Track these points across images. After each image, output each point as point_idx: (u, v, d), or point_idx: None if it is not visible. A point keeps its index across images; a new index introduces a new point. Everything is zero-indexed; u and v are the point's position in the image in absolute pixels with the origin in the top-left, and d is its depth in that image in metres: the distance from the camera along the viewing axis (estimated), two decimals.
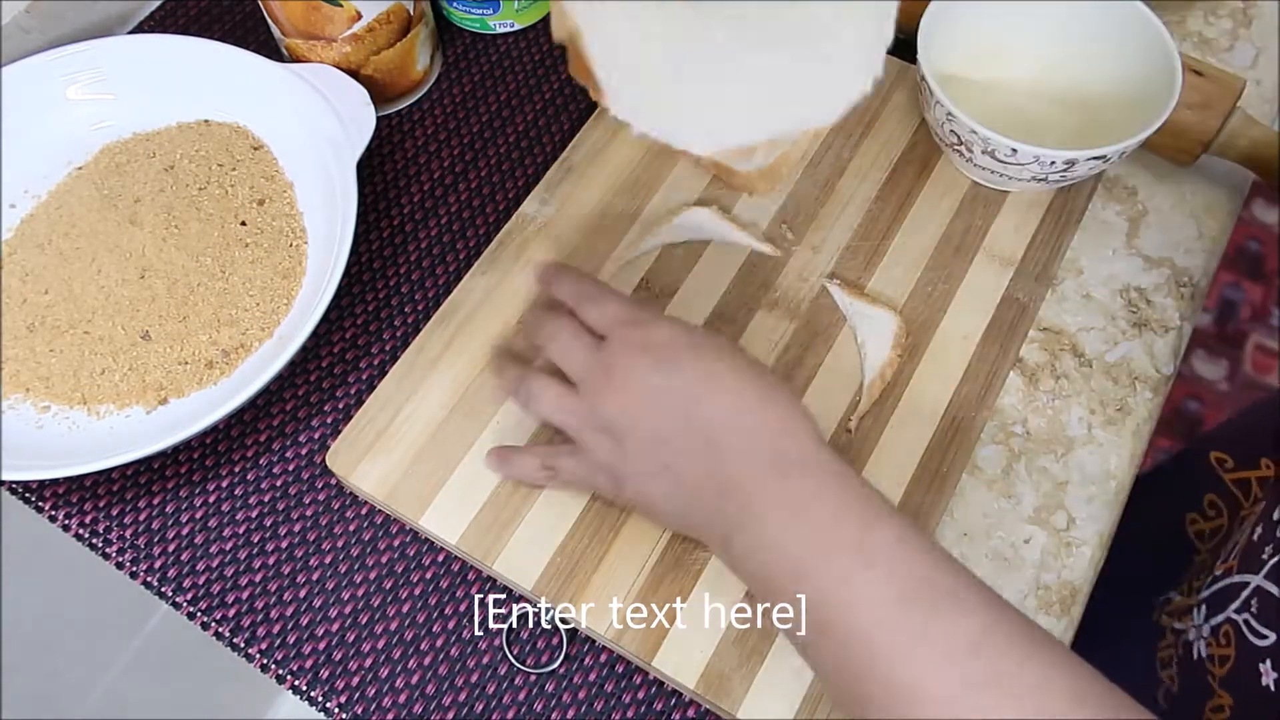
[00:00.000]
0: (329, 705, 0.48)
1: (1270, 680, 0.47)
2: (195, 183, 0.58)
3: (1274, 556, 0.49)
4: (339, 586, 0.50)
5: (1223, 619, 0.52)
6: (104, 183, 0.58)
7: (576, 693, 0.47)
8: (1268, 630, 0.48)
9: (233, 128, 0.60)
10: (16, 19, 0.59)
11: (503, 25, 0.66)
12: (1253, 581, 0.50)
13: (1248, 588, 0.51)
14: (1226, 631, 0.52)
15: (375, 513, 0.52)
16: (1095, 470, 0.51)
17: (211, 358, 0.53)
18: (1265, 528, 0.51)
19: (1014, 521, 0.50)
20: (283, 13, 0.58)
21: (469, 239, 0.60)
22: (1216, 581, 0.55)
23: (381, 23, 0.59)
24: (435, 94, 0.65)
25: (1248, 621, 0.50)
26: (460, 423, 0.51)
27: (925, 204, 0.57)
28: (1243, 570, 0.52)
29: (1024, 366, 0.54)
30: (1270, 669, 0.47)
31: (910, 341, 0.53)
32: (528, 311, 0.52)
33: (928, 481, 0.49)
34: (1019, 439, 0.52)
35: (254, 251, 0.56)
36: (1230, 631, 0.51)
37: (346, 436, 0.51)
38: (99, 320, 0.54)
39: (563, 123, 0.64)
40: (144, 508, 0.52)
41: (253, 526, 0.52)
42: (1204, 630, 0.54)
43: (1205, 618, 0.55)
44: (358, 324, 0.57)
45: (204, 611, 0.50)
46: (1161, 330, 0.55)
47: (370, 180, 0.61)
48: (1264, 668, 0.48)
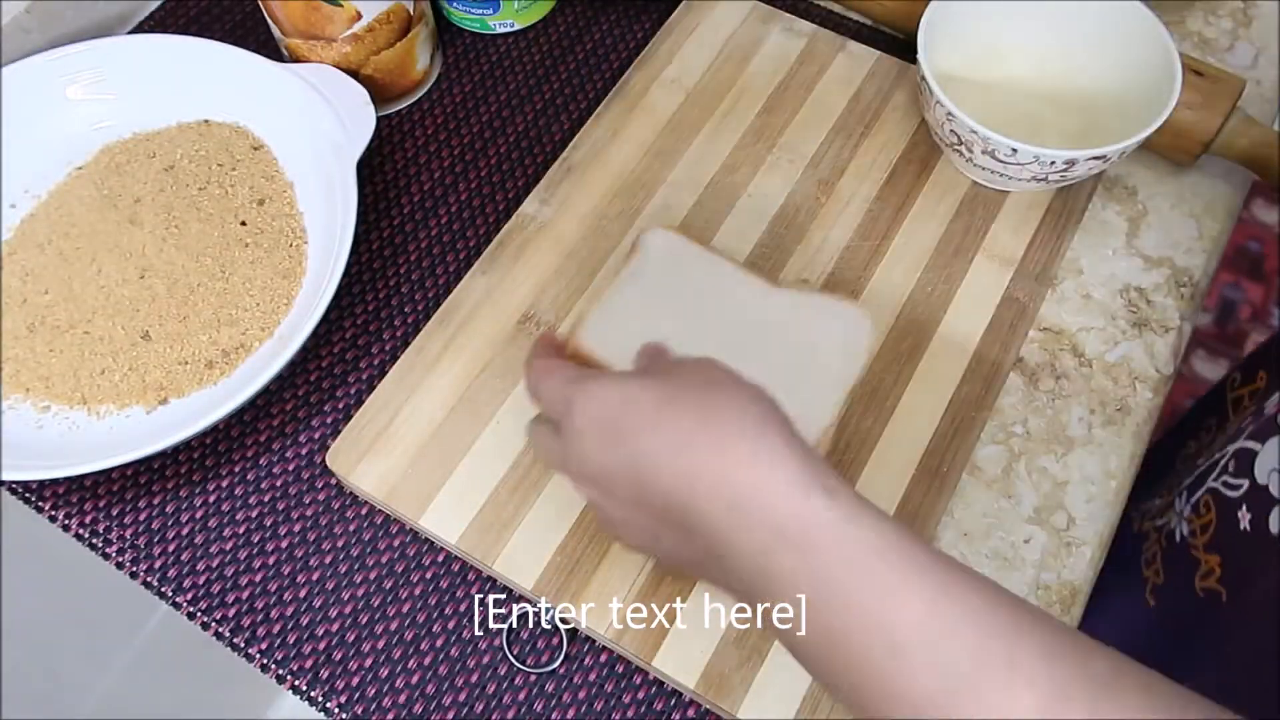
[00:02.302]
0: (329, 705, 0.48)
1: (1246, 522, 0.48)
2: (195, 183, 0.58)
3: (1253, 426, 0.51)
4: (339, 586, 0.50)
5: (1202, 491, 0.54)
6: (104, 183, 0.58)
7: (576, 693, 0.47)
8: (1241, 480, 0.50)
9: (233, 128, 0.60)
10: (16, 19, 0.59)
11: (503, 25, 0.66)
12: (1230, 449, 0.52)
13: (1226, 455, 0.52)
14: (1206, 501, 0.53)
15: (375, 513, 0.52)
16: (1095, 470, 0.51)
17: (211, 358, 0.53)
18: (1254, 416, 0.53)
19: (1014, 521, 0.50)
20: (283, 13, 0.58)
21: (469, 239, 0.60)
22: (1197, 469, 0.56)
23: (381, 23, 0.59)
24: (435, 94, 0.65)
25: (1225, 482, 0.51)
26: (460, 423, 0.51)
27: (925, 204, 0.57)
28: (1224, 448, 0.54)
29: (1024, 366, 0.54)
30: (1245, 511, 0.49)
31: (910, 342, 0.53)
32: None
33: (928, 481, 0.49)
34: (1019, 439, 0.52)
35: (254, 251, 0.56)
36: (1209, 500, 0.53)
37: (346, 436, 0.51)
38: (99, 320, 0.54)
39: (563, 123, 0.64)
40: (144, 508, 0.52)
41: (253, 526, 0.52)
42: (1185, 512, 0.55)
43: (1186, 500, 0.56)
44: (358, 324, 0.57)
45: (204, 611, 0.50)
46: (1161, 330, 0.55)
47: (370, 180, 0.61)
48: (1240, 513, 0.49)
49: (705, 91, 0.61)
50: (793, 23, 0.64)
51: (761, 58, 0.62)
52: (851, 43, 0.63)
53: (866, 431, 0.50)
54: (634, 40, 0.66)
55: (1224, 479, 0.52)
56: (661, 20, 0.65)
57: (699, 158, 0.59)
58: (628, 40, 0.67)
